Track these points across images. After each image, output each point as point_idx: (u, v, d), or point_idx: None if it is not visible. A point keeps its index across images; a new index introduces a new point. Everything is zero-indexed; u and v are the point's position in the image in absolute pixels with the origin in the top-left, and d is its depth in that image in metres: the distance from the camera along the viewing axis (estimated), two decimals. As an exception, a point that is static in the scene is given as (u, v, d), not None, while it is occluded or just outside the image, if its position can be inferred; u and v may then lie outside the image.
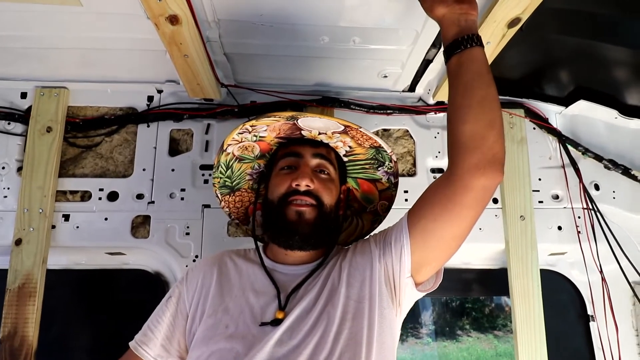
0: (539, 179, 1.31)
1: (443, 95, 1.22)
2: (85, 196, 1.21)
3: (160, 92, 1.26)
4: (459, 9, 0.75)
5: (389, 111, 1.27)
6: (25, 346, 1.08)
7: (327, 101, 1.25)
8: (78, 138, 1.25)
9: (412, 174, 1.29)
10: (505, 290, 1.27)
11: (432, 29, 0.99)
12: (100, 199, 1.20)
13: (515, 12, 0.89)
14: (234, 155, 0.96)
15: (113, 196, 1.21)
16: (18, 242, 1.14)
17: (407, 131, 1.31)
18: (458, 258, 1.35)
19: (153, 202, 1.20)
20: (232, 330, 0.75)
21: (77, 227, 1.18)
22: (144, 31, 0.97)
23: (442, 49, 0.87)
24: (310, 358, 0.71)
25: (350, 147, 0.94)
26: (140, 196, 1.21)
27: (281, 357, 0.71)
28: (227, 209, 1.02)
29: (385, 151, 0.92)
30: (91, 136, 1.25)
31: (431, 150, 1.30)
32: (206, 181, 1.23)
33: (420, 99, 1.30)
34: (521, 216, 1.26)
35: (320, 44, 1.05)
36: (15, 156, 1.22)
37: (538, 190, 1.30)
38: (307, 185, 0.83)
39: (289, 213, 0.82)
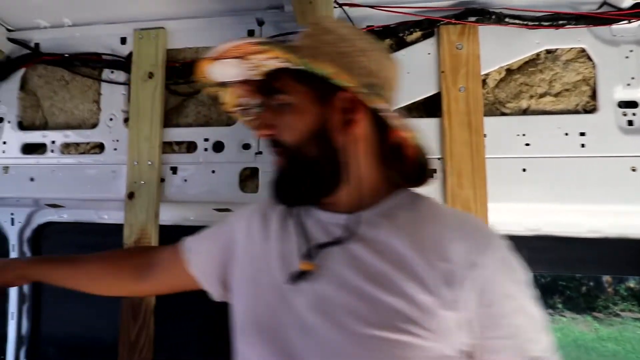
0: None
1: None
2: (191, 147, 1.12)
3: (261, 24, 1.08)
4: None
5: (560, 22, 0.93)
6: (144, 302, 1.05)
7: (469, 14, 0.95)
8: (179, 85, 1.14)
9: (590, 109, 0.95)
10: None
11: None
12: (206, 149, 1.09)
13: None
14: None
15: (219, 147, 1.09)
16: (131, 195, 1.09)
17: (583, 50, 0.95)
18: (585, 226, 1.04)
19: (261, 152, 1.06)
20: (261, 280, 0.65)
21: (186, 180, 1.10)
22: None
23: None
24: None
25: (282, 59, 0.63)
26: (246, 146, 1.08)
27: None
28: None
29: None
30: (192, 82, 1.13)
31: (620, 76, 0.93)
32: (317, 127, 1.04)
33: (604, 3, 0.93)
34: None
35: None
36: (121, 106, 1.16)
37: None
38: (266, 135, 0.65)
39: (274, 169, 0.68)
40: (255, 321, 0.63)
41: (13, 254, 1.32)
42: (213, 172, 1.08)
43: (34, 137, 1.20)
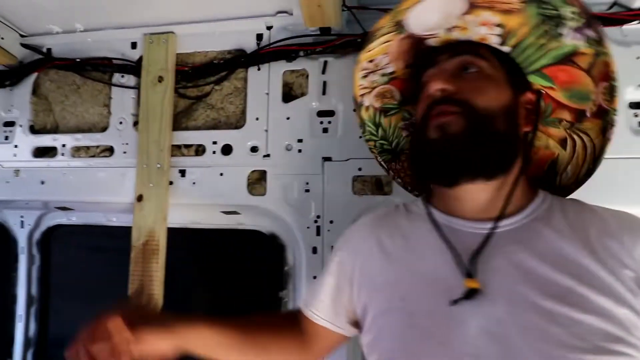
0: None
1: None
2: (200, 150, 1.12)
3: (269, 28, 1.09)
4: None
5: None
6: (152, 305, 1.05)
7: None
8: (188, 88, 1.15)
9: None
10: None
11: None
12: (214, 152, 1.10)
13: None
14: (375, 109, 0.77)
15: (227, 149, 1.09)
16: (140, 198, 1.10)
17: (593, 52, 0.95)
18: None
19: (269, 155, 1.07)
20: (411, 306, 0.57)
21: (194, 183, 1.10)
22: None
23: None
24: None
25: (500, 26, 0.61)
26: (254, 149, 1.08)
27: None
28: (399, 180, 0.83)
29: None
30: (200, 85, 1.14)
31: (630, 77, 0.92)
32: (325, 130, 1.04)
33: (615, 3, 0.93)
34: None
35: None
36: (130, 110, 1.17)
37: None
38: (443, 89, 0.59)
39: (429, 132, 0.59)
40: (411, 353, 0.54)
41: (22, 257, 1.33)
42: (221, 174, 1.08)
43: (45, 140, 1.22)
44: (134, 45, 1.18)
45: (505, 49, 0.64)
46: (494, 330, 0.50)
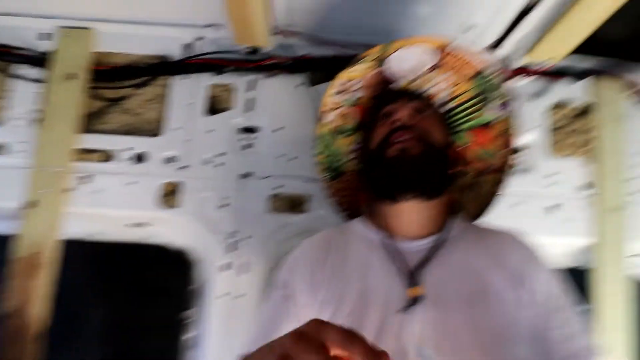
0: (635, 166, 1.10)
1: (539, 54, 1.01)
2: (109, 156, 1.04)
3: (199, 39, 1.08)
4: None
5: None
6: (33, 325, 0.92)
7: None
8: (103, 89, 1.08)
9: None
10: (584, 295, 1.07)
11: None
12: (125, 160, 1.03)
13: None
14: (334, 127, 0.85)
15: (141, 158, 1.04)
16: (30, 204, 0.97)
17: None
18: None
19: (186, 167, 1.03)
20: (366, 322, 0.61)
21: (98, 191, 1.01)
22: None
23: None
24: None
25: (450, 89, 0.80)
26: (171, 159, 1.04)
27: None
28: (335, 199, 0.88)
29: (489, 77, 0.76)
30: (118, 87, 1.08)
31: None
32: (247, 146, 1.05)
33: (504, 61, 1.10)
34: (614, 207, 1.06)
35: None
36: (31, 106, 1.05)
37: (634, 179, 1.09)
38: (406, 120, 0.71)
39: (390, 152, 0.69)
40: None
41: None
42: (131, 184, 1.02)
43: None
44: (43, 36, 1.07)
45: (447, 107, 0.81)
46: (435, 333, 0.58)
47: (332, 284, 0.66)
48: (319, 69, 1.06)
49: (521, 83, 1.10)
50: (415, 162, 0.68)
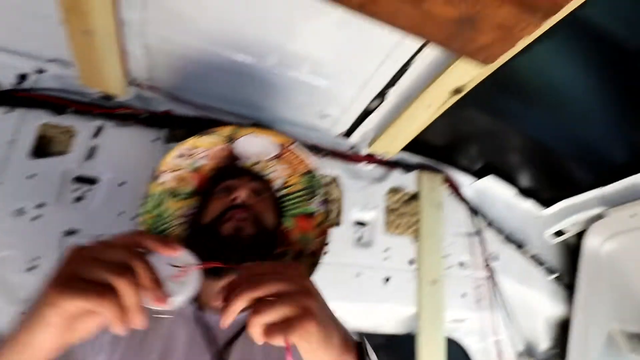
0: (450, 245, 1.33)
1: (378, 147, 1.18)
2: None
3: (40, 71, 0.95)
4: None
5: (322, 153, 1.18)
6: None
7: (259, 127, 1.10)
8: None
9: (336, 223, 1.19)
10: (411, 358, 1.21)
11: (382, 78, 0.96)
12: None
13: (461, 81, 0.92)
14: (168, 188, 0.82)
15: None
16: None
17: (336, 178, 1.22)
18: (370, 320, 1.26)
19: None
20: None
21: None
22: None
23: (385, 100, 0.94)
24: None
25: (284, 181, 0.90)
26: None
27: None
28: None
29: (317, 177, 0.88)
30: None
31: (356, 202, 1.22)
32: (79, 198, 0.93)
33: (354, 147, 1.25)
34: (433, 280, 1.24)
35: (266, 64, 0.93)
36: None
37: (449, 255, 1.32)
38: (245, 199, 0.74)
39: (225, 229, 0.71)
40: None
41: None
42: None
43: None
44: None
45: (280, 193, 0.91)
46: None
47: (126, 355, 0.62)
48: (180, 127, 1.04)
49: (367, 168, 1.26)
50: (247, 242, 0.71)
